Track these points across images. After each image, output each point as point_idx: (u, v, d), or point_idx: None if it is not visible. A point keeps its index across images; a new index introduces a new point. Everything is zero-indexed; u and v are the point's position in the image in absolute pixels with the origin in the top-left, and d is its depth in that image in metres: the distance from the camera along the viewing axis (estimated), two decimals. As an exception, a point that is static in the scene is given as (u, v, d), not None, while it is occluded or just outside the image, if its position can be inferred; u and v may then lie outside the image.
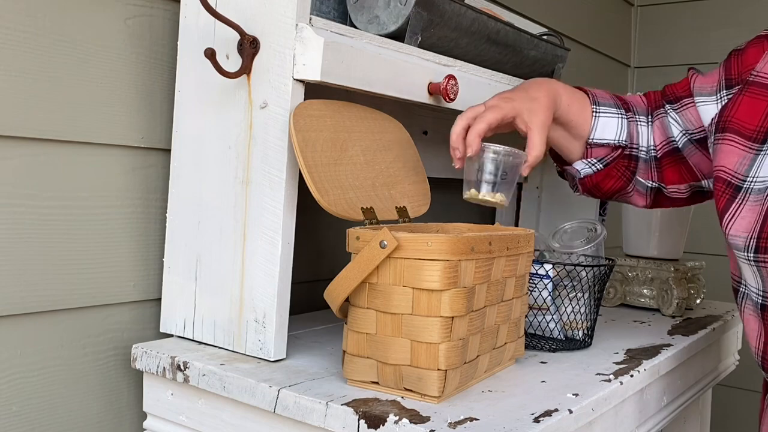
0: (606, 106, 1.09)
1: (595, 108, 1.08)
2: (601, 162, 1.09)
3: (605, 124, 1.07)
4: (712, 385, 1.46)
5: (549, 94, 1.03)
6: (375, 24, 1.07)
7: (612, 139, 1.08)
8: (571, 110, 1.06)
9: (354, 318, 0.82)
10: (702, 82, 1.07)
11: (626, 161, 1.09)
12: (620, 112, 1.09)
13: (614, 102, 1.10)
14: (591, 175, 1.09)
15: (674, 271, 1.43)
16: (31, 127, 0.93)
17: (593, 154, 1.09)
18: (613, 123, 1.08)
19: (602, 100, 1.10)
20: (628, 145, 1.09)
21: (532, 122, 0.99)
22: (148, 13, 1.05)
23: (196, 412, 0.93)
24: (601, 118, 1.07)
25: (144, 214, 1.06)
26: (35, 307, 0.95)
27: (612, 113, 1.09)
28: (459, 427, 0.73)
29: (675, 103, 1.09)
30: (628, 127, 1.09)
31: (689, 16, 2.47)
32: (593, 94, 1.10)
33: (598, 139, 1.07)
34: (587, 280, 1.08)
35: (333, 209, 0.88)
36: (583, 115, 1.07)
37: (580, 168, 1.10)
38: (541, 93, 1.02)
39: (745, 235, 0.94)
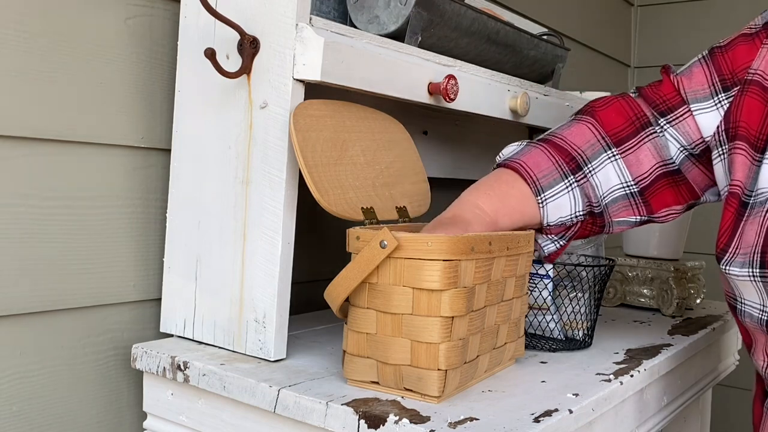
0: (551, 186, 0.98)
1: (540, 198, 0.98)
2: (563, 238, 1.02)
3: (555, 207, 0.99)
4: (712, 385, 1.46)
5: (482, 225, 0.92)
6: (375, 24, 1.07)
7: (568, 216, 0.99)
8: (516, 223, 0.97)
9: (354, 318, 0.82)
10: (691, 86, 1.00)
11: (591, 219, 1.02)
12: (568, 182, 0.99)
13: (558, 172, 0.99)
14: (557, 250, 1.03)
15: (674, 271, 1.43)
16: (31, 127, 0.93)
17: (553, 232, 1.01)
18: (564, 200, 0.99)
19: (545, 180, 0.98)
20: (587, 208, 1.00)
21: None
22: (148, 13, 1.05)
23: (196, 412, 0.93)
24: (549, 204, 0.98)
25: (144, 214, 1.06)
26: (35, 307, 0.95)
27: (560, 190, 0.99)
28: (459, 427, 0.73)
29: (669, 114, 1.00)
30: (582, 192, 1.00)
31: (689, 16, 2.47)
32: (533, 177, 0.98)
33: (552, 222, 0.99)
34: (587, 280, 1.08)
35: (333, 209, 0.88)
36: (530, 213, 0.98)
37: (543, 244, 1.03)
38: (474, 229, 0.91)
39: (747, 250, 0.90)
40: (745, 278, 0.90)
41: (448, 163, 1.46)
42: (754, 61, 0.97)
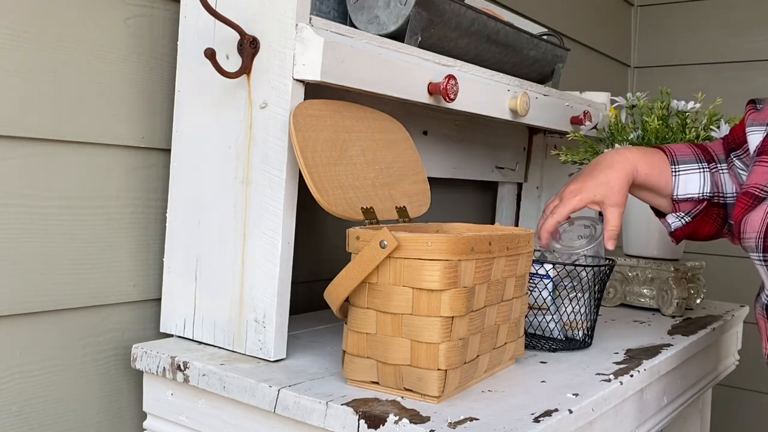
0: (685, 163, 1.12)
1: (674, 168, 1.12)
2: (688, 215, 1.12)
3: (687, 181, 1.11)
4: (712, 385, 1.46)
5: (622, 172, 1.08)
6: (375, 24, 1.07)
7: (696, 193, 1.11)
8: (650, 178, 1.11)
9: (354, 318, 0.82)
10: (755, 117, 1.09)
11: (716, 209, 1.12)
12: (702, 166, 1.12)
13: (695, 156, 1.13)
14: (681, 227, 1.13)
15: (674, 271, 1.43)
16: (31, 127, 0.93)
17: (681, 209, 1.12)
18: (695, 178, 1.11)
19: (681, 157, 1.13)
20: (714, 194, 1.11)
21: (605, 204, 1.07)
22: (148, 13, 1.05)
23: (196, 412, 0.93)
24: (681, 176, 1.11)
25: (144, 214, 1.06)
26: (35, 307, 0.95)
27: (693, 168, 1.12)
28: (459, 427, 0.73)
29: (737, 150, 1.11)
30: (712, 178, 1.12)
31: (689, 16, 2.47)
32: (671, 152, 1.13)
33: (681, 195, 1.11)
34: (587, 280, 1.08)
35: (333, 209, 0.88)
36: (664, 177, 1.11)
37: (671, 221, 1.14)
38: (613, 175, 1.07)
39: (754, 235, 0.95)
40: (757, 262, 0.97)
41: (448, 163, 1.46)
42: None
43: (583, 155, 1.43)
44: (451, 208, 1.66)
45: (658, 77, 2.50)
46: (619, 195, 1.07)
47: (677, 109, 1.41)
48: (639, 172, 1.10)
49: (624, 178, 1.08)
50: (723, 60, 2.39)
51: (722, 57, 2.40)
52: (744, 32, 2.36)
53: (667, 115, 1.41)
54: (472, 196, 1.74)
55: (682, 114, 1.40)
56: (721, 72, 2.39)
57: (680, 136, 1.37)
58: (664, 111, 1.41)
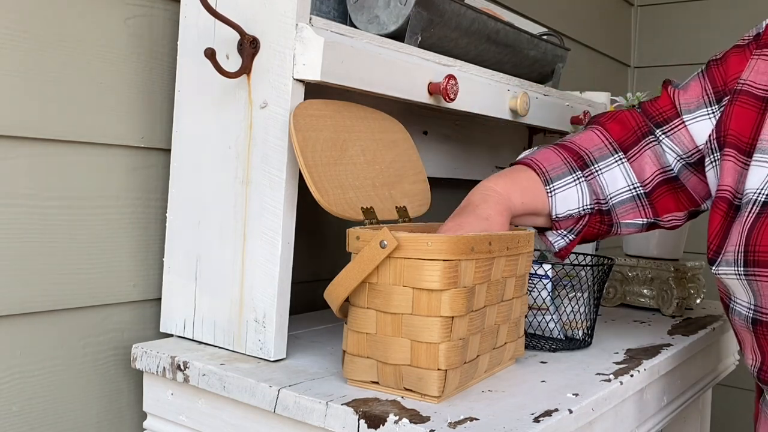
0: (559, 178, 1.03)
1: (548, 187, 1.02)
2: (572, 232, 1.05)
3: (564, 198, 1.03)
4: (712, 385, 1.46)
5: (500, 206, 0.97)
6: (375, 24, 1.07)
7: (576, 209, 1.03)
8: (527, 204, 1.01)
9: (354, 318, 0.82)
10: (686, 98, 1.04)
11: (598, 217, 1.05)
12: (576, 176, 1.04)
13: (567, 167, 1.04)
14: (566, 245, 1.06)
15: (674, 271, 1.43)
16: (31, 127, 0.93)
17: (561, 226, 1.04)
18: (572, 192, 1.03)
19: (554, 172, 1.03)
20: (595, 203, 1.04)
21: None
22: (148, 13, 1.05)
23: (196, 412, 0.93)
24: (557, 195, 1.02)
25: (144, 214, 1.06)
26: (35, 307, 0.95)
27: (568, 182, 1.03)
28: (459, 427, 0.73)
29: (664, 126, 1.05)
30: (590, 187, 1.04)
31: (689, 16, 2.47)
32: (543, 169, 1.03)
33: (560, 214, 1.03)
34: (587, 280, 1.08)
35: (333, 209, 0.88)
36: (540, 199, 1.03)
37: (553, 240, 1.06)
38: (491, 210, 0.96)
39: (732, 249, 0.92)
40: (732, 277, 0.93)
41: (448, 163, 1.46)
42: (743, 72, 1.01)
43: (583, 155, 1.43)
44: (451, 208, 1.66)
45: (658, 77, 2.49)
46: (500, 227, 0.96)
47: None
48: (514, 203, 1.00)
49: (503, 212, 0.97)
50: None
51: (722, 57, 2.39)
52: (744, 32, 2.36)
53: (667, 115, 1.41)
54: (472, 196, 1.74)
55: (682, 114, 1.40)
56: (721, 72, 2.38)
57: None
58: (664, 111, 1.41)
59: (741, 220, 0.92)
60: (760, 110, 0.97)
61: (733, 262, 0.92)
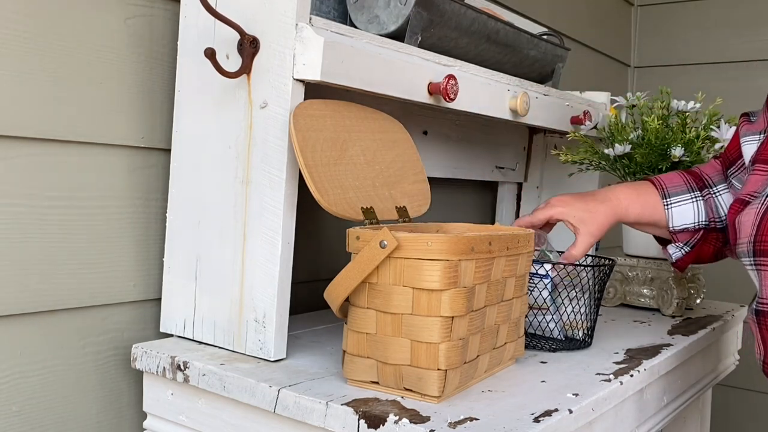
0: (677, 194, 1.14)
1: (665, 201, 1.13)
2: (687, 245, 1.15)
3: (680, 213, 1.13)
4: (712, 385, 1.46)
5: (610, 211, 1.10)
6: (375, 24, 1.07)
7: (691, 223, 1.13)
8: (645, 215, 1.13)
9: (354, 318, 0.82)
10: (748, 128, 1.10)
11: (714, 234, 1.14)
12: (694, 195, 1.14)
13: (686, 186, 1.15)
14: (683, 257, 1.15)
15: (674, 271, 1.43)
16: (31, 127, 0.93)
17: (679, 239, 1.14)
18: (688, 208, 1.13)
19: (672, 189, 1.14)
20: (710, 221, 1.13)
21: (580, 230, 1.09)
22: (148, 13, 1.05)
23: (196, 412, 0.93)
24: (673, 209, 1.13)
25: (144, 214, 1.06)
26: (35, 307, 0.95)
27: (685, 199, 1.13)
28: (459, 427, 0.73)
29: (732, 167, 1.13)
30: (706, 205, 1.13)
31: (689, 16, 2.47)
32: (662, 185, 1.15)
33: (677, 227, 1.13)
34: (587, 280, 1.08)
35: (333, 209, 0.88)
36: (658, 212, 1.14)
37: (671, 252, 1.17)
38: (602, 207, 1.10)
39: (746, 240, 0.95)
40: (748, 267, 0.96)
41: (448, 163, 1.46)
42: None
43: (583, 155, 1.43)
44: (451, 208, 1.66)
45: (658, 77, 2.50)
46: (597, 227, 1.09)
47: (677, 109, 1.41)
48: (629, 214, 1.12)
49: (610, 216, 1.10)
50: (723, 60, 2.39)
51: (722, 57, 2.40)
52: (744, 32, 2.36)
53: (667, 115, 1.41)
54: (472, 196, 1.74)
55: (682, 114, 1.40)
56: (721, 72, 2.39)
57: (680, 136, 1.37)
58: (664, 111, 1.41)
59: (753, 211, 0.95)
60: None
61: (746, 252, 0.96)
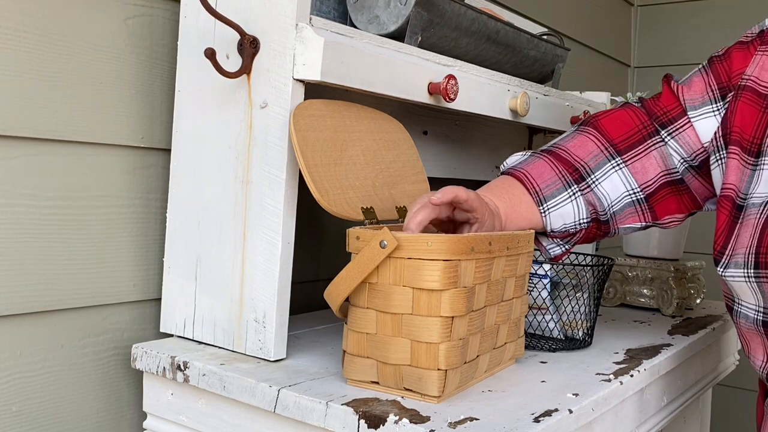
0: (553, 196, 1.01)
1: (542, 207, 1.01)
2: (567, 243, 1.06)
3: (559, 215, 1.02)
4: (712, 385, 1.46)
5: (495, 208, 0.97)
6: (375, 24, 1.07)
7: (572, 223, 1.03)
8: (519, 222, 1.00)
9: (354, 318, 0.82)
10: (690, 94, 1.03)
11: (595, 225, 1.05)
12: (571, 192, 1.02)
13: (561, 181, 1.02)
14: (561, 253, 1.06)
15: (674, 271, 1.43)
16: (31, 127, 0.93)
17: (558, 237, 1.05)
18: (568, 209, 1.02)
19: (548, 190, 1.01)
20: (592, 216, 1.03)
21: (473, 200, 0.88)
22: (148, 13, 1.05)
23: (196, 412, 0.93)
24: (552, 213, 1.01)
25: (144, 214, 1.06)
26: (35, 307, 0.95)
27: (563, 199, 1.01)
28: (459, 427, 0.73)
29: (669, 126, 1.03)
30: (585, 201, 1.02)
31: (689, 16, 2.47)
32: (536, 188, 1.01)
33: (556, 228, 1.03)
34: (587, 280, 1.08)
35: (333, 209, 0.88)
36: (536, 219, 1.01)
37: (548, 247, 1.06)
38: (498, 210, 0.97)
39: (742, 251, 0.92)
40: (740, 279, 0.92)
41: (448, 163, 1.46)
42: (747, 68, 1.00)
43: (583, 155, 1.43)
44: (451, 208, 1.65)
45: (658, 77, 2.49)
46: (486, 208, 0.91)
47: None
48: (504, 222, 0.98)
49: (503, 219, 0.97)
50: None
51: (722, 57, 2.39)
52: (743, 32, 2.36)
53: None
54: (472, 196, 1.74)
55: (682, 114, 1.40)
56: (721, 72, 2.38)
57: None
58: (664, 111, 1.41)
59: (751, 222, 0.92)
60: (762, 108, 0.96)
61: (743, 264, 0.91)
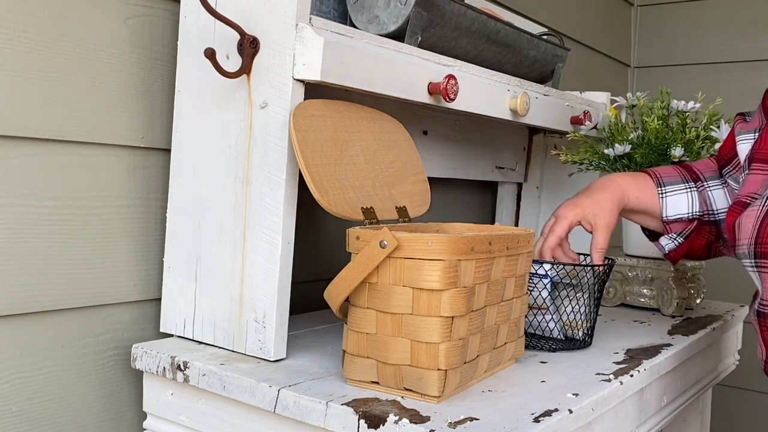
0: (672, 184, 1.15)
1: (660, 190, 1.15)
2: (680, 236, 1.15)
3: (674, 203, 1.14)
4: (712, 385, 1.46)
5: (613, 196, 1.12)
6: (375, 24, 1.07)
7: (685, 213, 1.14)
8: (642, 201, 1.14)
9: (354, 318, 0.82)
10: (743, 127, 1.10)
11: (708, 227, 1.14)
12: (688, 186, 1.15)
13: (681, 177, 1.16)
14: (675, 248, 1.15)
15: (674, 271, 1.43)
16: (31, 127, 0.93)
17: (672, 230, 1.15)
18: (683, 198, 1.14)
19: (667, 179, 1.16)
20: (704, 213, 1.14)
21: (596, 224, 1.09)
22: (148, 13, 1.05)
23: (196, 412, 0.93)
24: (668, 198, 1.14)
25: (144, 214, 1.06)
26: (35, 307, 0.95)
27: (679, 189, 1.15)
28: (459, 427, 0.73)
29: (728, 166, 1.13)
30: (700, 197, 1.14)
31: (689, 16, 2.47)
32: (657, 175, 1.16)
33: (671, 216, 1.14)
34: (587, 280, 1.08)
35: (333, 209, 0.88)
36: (654, 200, 1.15)
37: (664, 243, 1.16)
38: (605, 197, 1.11)
39: (746, 242, 0.94)
40: (749, 268, 0.96)
41: (448, 163, 1.46)
42: None
43: (583, 155, 1.43)
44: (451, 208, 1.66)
45: (658, 77, 2.50)
46: (610, 216, 1.10)
47: (677, 109, 1.41)
48: (629, 196, 1.13)
49: (615, 201, 1.11)
50: (723, 60, 2.39)
51: (722, 57, 2.40)
52: (744, 32, 2.36)
53: (667, 115, 1.41)
54: (472, 196, 1.74)
55: (682, 114, 1.40)
56: (721, 72, 2.39)
57: (680, 136, 1.37)
58: (664, 111, 1.41)
59: (754, 213, 0.95)
60: None
61: (747, 254, 0.95)
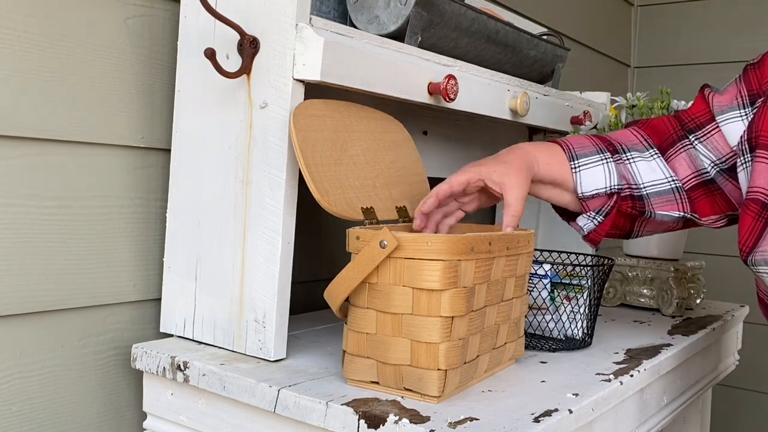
0: (585, 156, 1.02)
1: (573, 163, 1.01)
2: (600, 214, 1.02)
3: (589, 176, 1.01)
4: (712, 385, 1.46)
5: (521, 157, 0.98)
6: (375, 24, 1.07)
7: (603, 188, 1.01)
8: (552, 168, 1.01)
9: (354, 318, 0.82)
10: (720, 100, 1.02)
11: (630, 202, 1.02)
12: (604, 157, 1.02)
13: (595, 148, 1.03)
14: (595, 228, 1.03)
15: (674, 271, 1.43)
16: (31, 127, 0.93)
17: (590, 207, 1.02)
18: (599, 171, 1.01)
19: (580, 150, 1.03)
20: (625, 186, 1.02)
21: (504, 183, 0.94)
22: (148, 13, 1.05)
23: (196, 412, 0.93)
24: (582, 172, 1.01)
25: (144, 214, 1.06)
26: (35, 307, 0.95)
27: (594, 161, 1.02)
28: (459, 427, 0.73)
29: (698, 131, 1.03)
30: (618, 169, 1.02)
31: (689, 16, 2.47)
32: (569, 147, 1.03)
33: (587, 192, 1.01)
34: (587, 279, 1.08)
35: (333, 209, 0.88)
36: (565, 168, 1.02)
37: (582, 224, 1.04)
38: (512, 156, 0.98)
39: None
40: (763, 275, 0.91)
41: (448, 163, 1.46)
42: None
43: (583, 155, 1.43)
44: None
45: (658, 77, 2.50)
46: (519, 175, 0.95)
47: (677, 109, 1.41)
48: (539, 161, 1.00)
49: (524, 162, 0.97)
50: (723, 60, 2.39)
51: (722, 57, 2.40)
52: (744, 32, 2.36)
53: (667, 115, 1.41)
54: (472, 196, 1.74)
55: (682, 114, 1.40)
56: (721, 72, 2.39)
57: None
58: (664, 111, 1.41)
59: None
60: None
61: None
